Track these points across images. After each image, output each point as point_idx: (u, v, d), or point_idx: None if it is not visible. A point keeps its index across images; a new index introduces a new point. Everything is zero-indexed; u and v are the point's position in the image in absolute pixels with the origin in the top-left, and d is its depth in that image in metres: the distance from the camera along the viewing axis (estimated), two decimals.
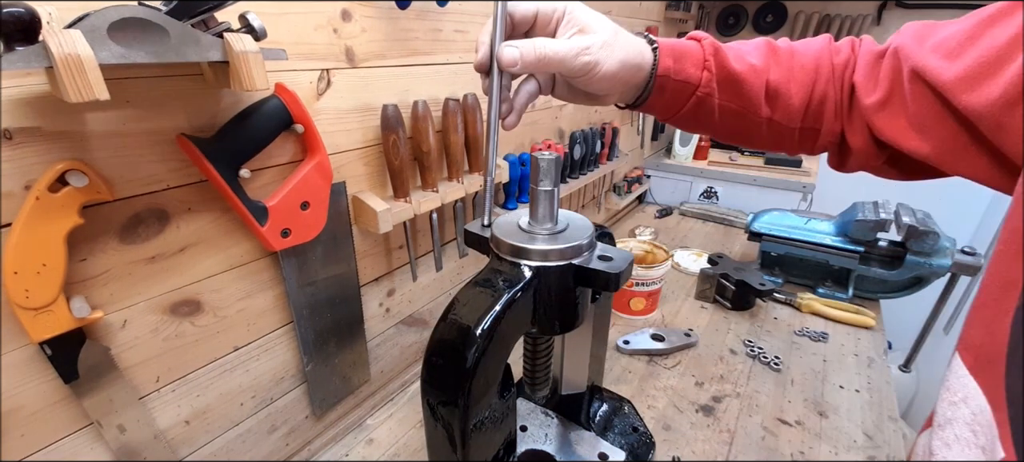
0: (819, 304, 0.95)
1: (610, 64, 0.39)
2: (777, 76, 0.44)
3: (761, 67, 0.44)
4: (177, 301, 0.49)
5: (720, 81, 0.43)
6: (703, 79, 0.43)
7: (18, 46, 0.30)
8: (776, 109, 0.45)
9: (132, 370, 0.47)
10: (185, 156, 0.45)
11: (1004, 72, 0.30)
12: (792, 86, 0.44)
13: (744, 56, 0.44)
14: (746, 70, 0.43)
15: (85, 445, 0.45)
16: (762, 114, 0.45)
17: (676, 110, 0.46)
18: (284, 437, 0.65)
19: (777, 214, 1.07)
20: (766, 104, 0.44)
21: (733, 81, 0.43)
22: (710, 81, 0.43)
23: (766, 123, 0.45)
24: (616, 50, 0.39)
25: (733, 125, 0.46)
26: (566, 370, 0.59)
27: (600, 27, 0.39)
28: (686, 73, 0.43)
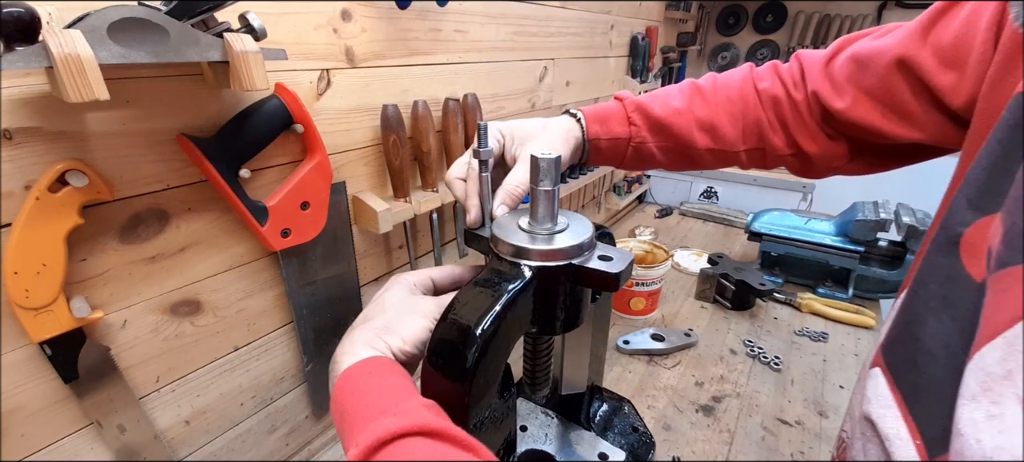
0: (819, 304, 0.95)
1: (563, 152, 0.46)
2: (704, 113, 0.49)
3: (684, 109, 0.49)
4: (177, 301, 0.49)
5: (650, 128, 0.50)
6: (632, 132, 0.50)
7: (18, 46, 0.30)
8: (714, 139, 0.50)
9: (132, 370, 0.47)
10: (185, 156, 0.45)
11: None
12: (721, 117, 0.49)
13: (668, 102, 0.50)
14: (670, 114, 0.49)
15: (85, 445, 0.45)
16: (699, 146, 0.50)
17: (619, 160, 0.52)
18: (284, 437, 0.65)
19: (777, 214, 1.07)
20: (700, 136, 0.49)
21: (661, 126, 0.50)
22: (639, 131, 0.50)
23: (706, 152, 0.50)
24: (559, 144, 0.47)
25: (677, 159, 0.52)
26: (566, 370, 0.59)
27: (531, 133, 0.47)
28: (613, 132, 0.50)
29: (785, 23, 1.87)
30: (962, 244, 0.26)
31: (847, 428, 0.38)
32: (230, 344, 0.55)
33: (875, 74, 0.40)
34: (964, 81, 0.34)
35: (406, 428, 0.25)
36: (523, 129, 0.47)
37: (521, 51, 0.87)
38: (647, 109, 0.50)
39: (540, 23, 0.90)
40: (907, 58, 0.37)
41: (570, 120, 0.50)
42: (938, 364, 0.26)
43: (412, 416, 0.26)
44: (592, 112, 0.50)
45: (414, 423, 0.25)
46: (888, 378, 0.30)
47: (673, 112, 0.49)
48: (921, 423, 0.26)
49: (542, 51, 0.93)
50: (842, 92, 0.43)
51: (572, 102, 1.09)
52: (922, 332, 0.28)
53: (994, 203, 0.25)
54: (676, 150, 0.50)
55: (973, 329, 0.23)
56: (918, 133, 0.39)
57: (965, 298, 0.25)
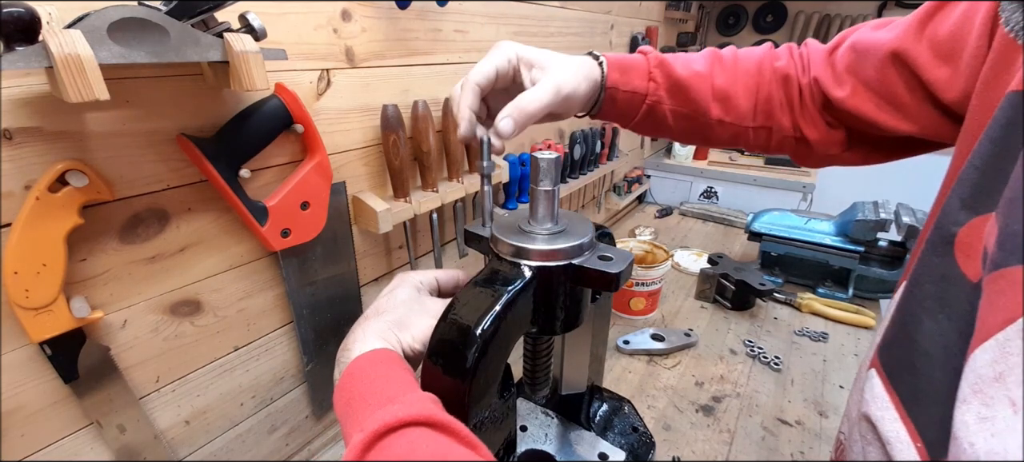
0: (819, 304, 0.95)
1: (580, 89, 0.44)
2: (722, 81, 0.47)
3: (705, 73, 0.47)
4: (177, 301, 0.49)
5: (668, 88, 0.47)
6: (650, 88, 0.47)
7: (18, 46, 0.30)
8: (726, 110, 0.48)
9: (132, 370, 0.47)
10: (185, 156, 0.45)
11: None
12: (738, 88, 0.47)
13: (690, 64, 0.48)
14: (691, 76, 0.47)
15: (85, 445, 0.45)
16: (712, 115, 0.48)
17: (630, 118, 0.49)
18: (284, 437, 0.65)
19: (777, 214, 1.07)
20: (715, 106, 0.48)
21: (680, 87, 0.47)
22: (657, 89, 0.47)
23: (717, 124, 0.48)
24: (578, 75, 0.44)
25: (687, 127, 0.49)
26: (566, 370, 0.59)
27: (553, 60, 0.43)
28: (633, 84, 0.47)
29: (785, 23, 1.87)
30: (956, 244, 0.26)
31: (845, 429, 0.38)
32: (230, 344, 0.55)
33: (872, 65, 0.40)
34: (958, 77, 0.34)
35: (413, 417, 0.25)
36: (541, 55, 0.44)
37: None
38: (669, 67, 0.47)
39: (540, 23, 0.90)
40: (902, 51, 0.37)
41: (590, 61, 0.47)
42: (936, 366, 0.26)
43: (418, 406, 0.26)
44: (615, 59, 0.47)
45: (420, 413, 0.26)
46: (884, 380, 0.30)
47: (694, 75, 0.47)
48: (921, 425, 0.26)
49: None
50: (842, 81, 0.43)
51: None
52: (918, 333, 0.28)
53: (988, 203, 0.25)
54: (688, 117, 0.48)
55: (970, 330, 0.23)
56: (911, 126, 0.40)
57: (961, 298, 0.25)
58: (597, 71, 0.46)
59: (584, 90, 0.44)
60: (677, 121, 0.49)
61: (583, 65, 0.45)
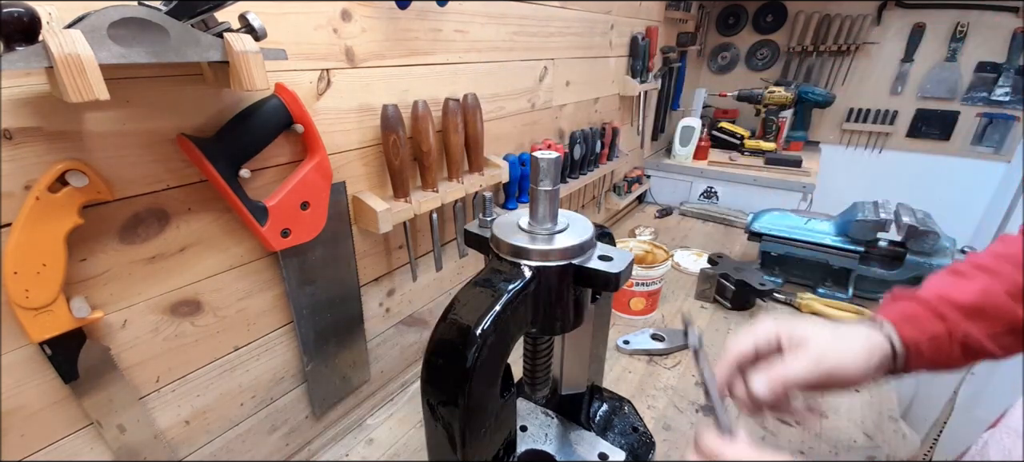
0: (819, 304, 0.95)
1: (855, 362, 0.41)
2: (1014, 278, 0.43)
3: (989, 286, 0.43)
4: (177, 301, 0.49)
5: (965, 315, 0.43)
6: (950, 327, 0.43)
7: (18, 46, 0.30)
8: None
9: (132, 370, 0.47)
10: (185, 156, 0.45)
11: None
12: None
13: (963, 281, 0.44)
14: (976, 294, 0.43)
15: (85, 445, 0.45)
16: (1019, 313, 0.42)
17: (945, 361, 0.44)
18: (284, 437, 0.65)
19: (777, 214, 1.07)
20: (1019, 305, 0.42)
21: (975, 310, 0.43)
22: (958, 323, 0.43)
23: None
24: (849, 347, 0.42)
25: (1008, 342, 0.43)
26: (566, 370, 0.59)
27: (820, 336, 0.43)
28: (931, 330, 0.43)
29: (785, 23, 1.87)
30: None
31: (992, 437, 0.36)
32: (230, 344, 0.55)
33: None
34: None
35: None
36: (806, 332, 0.44)
37: (521, 51, 0.87)
38: (949, 296, 0.43)
39: (540, 23, 0.90)
40: None
41: (871, 330, 0.44)
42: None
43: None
44: (894, 314, 0.44)
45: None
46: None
47: (980, 292, 0.43)
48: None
49: (542, 51, 0.93)
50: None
51: (572, 102, 1.09)
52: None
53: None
54: (1005, 332, 0.43)
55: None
56: None
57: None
58: (881, 338, 0.43)
59: (861, 362, 0.42)
60: (997, 342, 0.43)
61: (860, 337, 0.43)
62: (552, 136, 1.05)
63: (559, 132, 1.08)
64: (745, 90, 1.75)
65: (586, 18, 1.05)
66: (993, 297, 0.42)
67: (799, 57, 1.86)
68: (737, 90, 1.76)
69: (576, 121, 1.13)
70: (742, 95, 1.75)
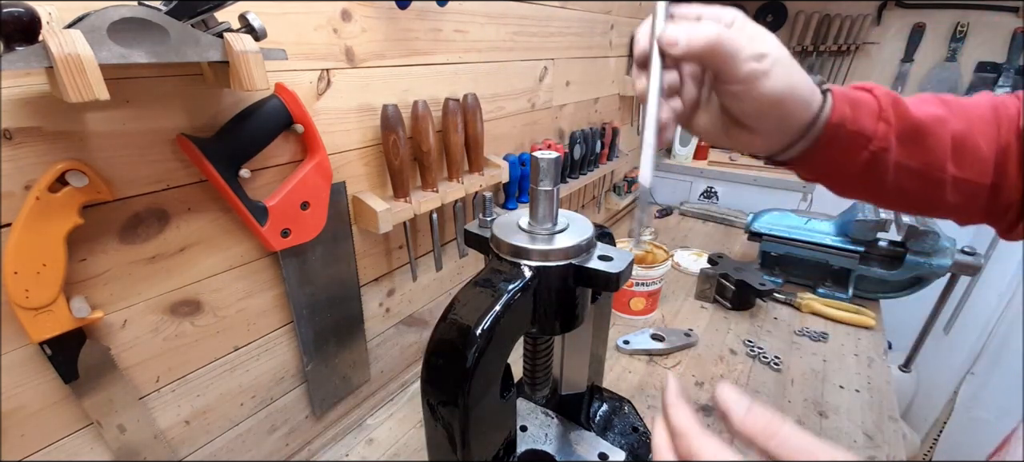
0: (819, 304, 0.95)
1: (780, 81, 0.35)
2: (958, 126, 0.39)
3: (943, 115, 0.39)
4: (177, 301, 0.49)
5: (900, 134, 0.38)
6: (879, 131, 0.38)
7: (18, 46, 0.30)
8: (964, 165, 0.39)
9: (132, 370, 0.47)
10: (185, 156, 0.45)
11: None
12: (977, 136, 0.39)
13: (922, 104, 0.39)
14: (929, 119, 0.38)
15: (85, 445, 0.45)
16: (947, 172, 0.39)
17: (842, 168, 0.40)
18: (284, 437, 0.65)
19: (777, 214, 1.07)
20: (952, 160, 0.39)
21: (916, 133, 0.38)
22: (887, 134, 0.38)
23: (951, 182, 0.39)
24: (790, 71, 0.36)
25: (910, 187, 0.40)
26: (566, 370, 0.59)
27: (774, 43, 0.36)
28: (861, 123, 0.38)
29: (785, 23, 1.87)
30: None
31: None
32: (230, 344, 0.55)
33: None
34: None
35: None
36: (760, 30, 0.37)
37: (521, 51, 0.87)
38: (904, 107, 0.38)
39: (540, 23, 0.90)
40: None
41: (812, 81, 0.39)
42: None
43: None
44: (842, 92, 0.39)
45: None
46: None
47: (933, 118, 0.38)
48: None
49: (542, 51, 0.93)
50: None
51: (572, 102, 1.09)
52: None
53: None
54: (917, 174, 0.39)
55: None
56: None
57: None
58: (818, 96, 0.38)
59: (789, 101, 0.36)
60: (899, 178, 0.39)
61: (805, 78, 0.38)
62: (552, 136, 1.05)
63: (559, 132, 1.08)
64: None
65: (586, 18, 1.05)
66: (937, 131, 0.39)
67: (799, 57, 1.86)
68: None
69: (576, 121, 1.13)
70: None
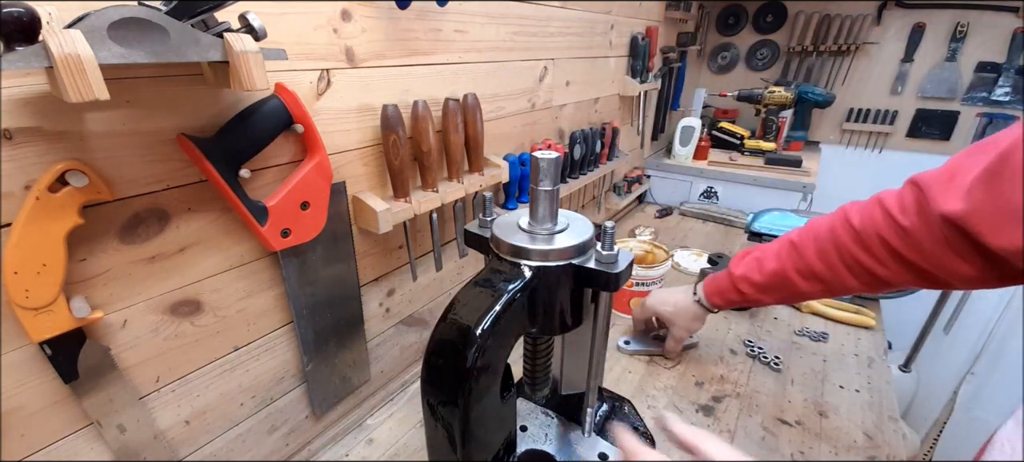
0: (819, 304, 0.95)
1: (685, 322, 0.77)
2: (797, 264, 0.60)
3: (778, 268, 0.62)
4: (177, 301, 0.49)
5: (759, 291, 0.65)
6: (746, 296, 0.67)
7: (18, 46, 0.30)
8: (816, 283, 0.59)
9: (132, 370, 0.47)
10: (185, 156, 0.45)
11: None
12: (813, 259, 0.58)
13: (763, 265, 0.64)
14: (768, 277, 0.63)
15: (85, 445, 0.45)
16: (803, 288, 0.60)
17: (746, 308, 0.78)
18: (284, 437, 0.65)
19: (777, 214, 1.07)
20: (804, 283, 0.59)
21: (766, 288, 0.64)
22: (749, 294, 0.66)
23: (809, 290, 0.60)
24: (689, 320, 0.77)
25: (788, 300, 0.66)
26: (566, 370, 0.59)
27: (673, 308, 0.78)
28: (730, 299, 0.70)
29: (785, 23, 1.86)
30: None
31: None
32: (230, 344, 0.55)
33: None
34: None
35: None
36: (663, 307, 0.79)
37: (521, 51, 0.87)
38: (750, 278, 0.65)
39: (540, 23, 0.90)
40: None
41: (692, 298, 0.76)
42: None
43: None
44: (711, 287, 0.73)
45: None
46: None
47: (770, 274, 0.62)
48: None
49: (542, 51, 0.93)
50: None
51: (572, 102, 1.09)
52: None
53: None
54: (787, 297, 0.63)
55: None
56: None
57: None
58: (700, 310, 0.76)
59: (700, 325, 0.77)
60: (780, 300, 0.65)
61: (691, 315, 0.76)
62: (552, 136, 1.05)
63: (559, 132, 1.08)
64: (745, 90, 1.75)
65: (586, 18, 1.05)
66: (786, 277, 0.61)
67: (799, 57, 1.86)
68: (737, 90, 1.76)
69: (576, 121, 1.13)
70: (742, 95, 1.75)
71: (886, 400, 0.73)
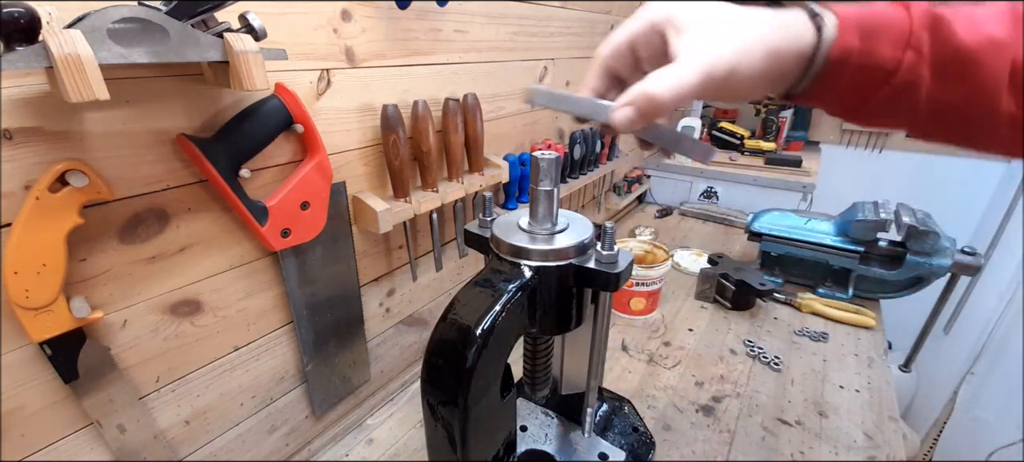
0: (819, 304, 0.95)
1: (752, 66, 0.30)
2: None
3: (1003, 38, 0.29)
4: (177, 301, 0.49)
5: (936, 63, 0.30)
6: (905, 61, 0.30)
7: (18, 46, 0.30)
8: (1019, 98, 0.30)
9: (132, 370, 0.47)
10: (185, 156, 0.45)
11: None
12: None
13: (979, 24, 0.30)
14: (982, 45, 0.29)
15: (85, 445, 0.45)
16: (1002, 109, 0.30)
17: (856, 103, 0.33)
18: (284, 437, 0.65)
19: (777, 214, 1.07)
20: (1010, 94, 0.30)
21: (959, 62, 0.30)
22: (917, 65, 0.30)
23: (1007, 121, 0.30)
24: (756, 43, 0.30)
25: (947, 123, 0.32)
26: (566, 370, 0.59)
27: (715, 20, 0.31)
28: (877, 55, 0.30)
29: None
30: None
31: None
32: (230, 344, 0.55)
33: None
34: None
35: None
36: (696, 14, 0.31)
37: (521, 51, 0.87)
38: (946, 29, 0.30)
39: (540, 23, 0.90)
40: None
41: (798, 18, 0.31)
42: None
43: None
44: (855, 15, 0.31)
45: None
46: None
47: (987, 42, 0.29)
48: None
49: (542, 51, 0.93)
50: None
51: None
52: None
53: None
54: (956, 110, 0.31)
55: None
56: None
57: None
58: (808, 33, 0.31)
59: (764, 67, 0.30)
60: (935, 113, 0.31)
61: (774, 27, 0.30)
62: (552, 136, 1.05)
63: (559, 132, 1.08)
64: None
65: (586, 18, 1.05)
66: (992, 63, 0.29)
67: None
68: None
69: (576, 121, 1.13)
70: None
71: (886, 400, 0.73)
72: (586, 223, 0.44)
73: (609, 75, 0.33)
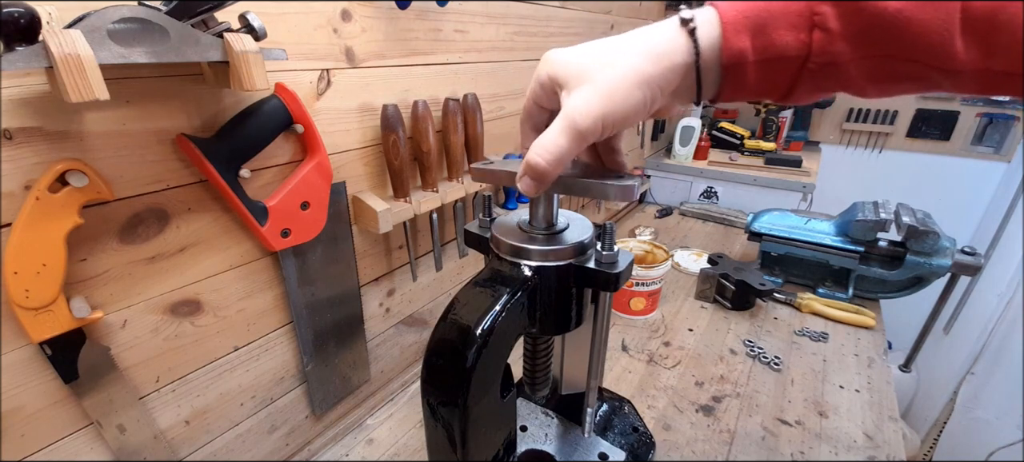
0: (819, 304, 0.95)
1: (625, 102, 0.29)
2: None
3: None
4: (177, 301, 0.49)
5: (852, 35, 0.26)
6: (815, 43, 0.27)
7: (18, 46, 0.30)
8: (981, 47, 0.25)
9: (132, 370, 0.47)
10: (185, 156, 0.45)
11: None
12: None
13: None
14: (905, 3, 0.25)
15: (85, 445, 0.45)
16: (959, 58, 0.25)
17: (783, 93, 0.30)
18: (284, 437, 0.65)
19: (777, 214, 1.07)
20: (964, 41, 0.25)
21: (883, 27, 0.26)
22: (830, 43, 0.27)
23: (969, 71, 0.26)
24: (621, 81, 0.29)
25: (900, 84, 0.28)
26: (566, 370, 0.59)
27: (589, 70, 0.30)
28: (779, 45, 0.27)
29: None
30: None
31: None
32: (230, 344, 0.55)
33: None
34: None
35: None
36: (571, 68, 0.31)
37: (521, 51, 0.87)
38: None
39: (540, 23, 0.90)
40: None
41: (674, 33, 0.29)
42: None
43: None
44: (737, 11, 0.28)
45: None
46: None
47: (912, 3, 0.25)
48: None
49: (542, 51, 0.92)
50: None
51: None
52: None
53: None
54: (910, 70, 0.27)
55: None
56: None
57: None
58: (680, 44, 0.29)
59: (640, 97, 0.29)
60: (880, 78, 0.28)
61: (643, 53, 0.30)
62: None
63: None
64: None
65: (586, 18, 1.05)
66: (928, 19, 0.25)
67: None
68: None
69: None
70: None
71: (886, 400, 0.73)
72: (586, 223, 0.44)
73: (537, 133, 0.32)
